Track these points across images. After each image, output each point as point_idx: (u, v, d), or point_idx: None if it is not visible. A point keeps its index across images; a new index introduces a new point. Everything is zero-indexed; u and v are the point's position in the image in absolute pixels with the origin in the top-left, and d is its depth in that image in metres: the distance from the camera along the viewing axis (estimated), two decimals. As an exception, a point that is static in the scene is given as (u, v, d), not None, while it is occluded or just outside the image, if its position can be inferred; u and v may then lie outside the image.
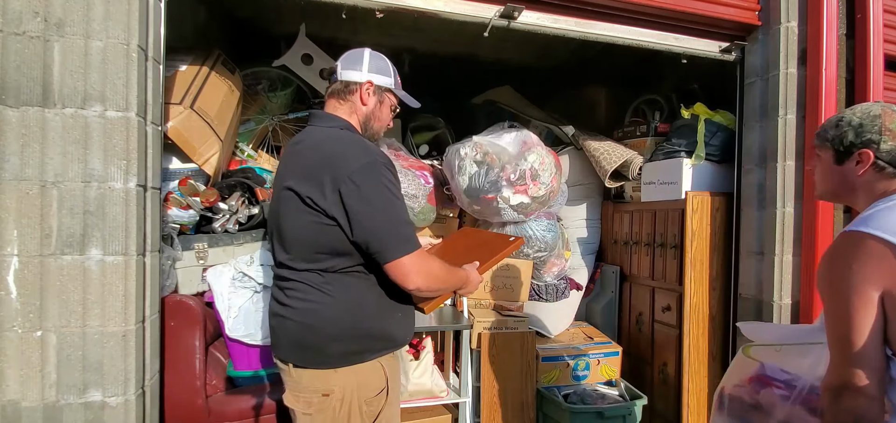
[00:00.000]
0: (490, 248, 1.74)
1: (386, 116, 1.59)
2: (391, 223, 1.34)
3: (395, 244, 1.33)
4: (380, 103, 1.55)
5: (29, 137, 1.58)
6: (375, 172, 1.34)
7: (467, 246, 1.85)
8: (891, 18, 2.41)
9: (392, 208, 1.35)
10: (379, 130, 1.59)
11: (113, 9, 1.63)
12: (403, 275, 1.34)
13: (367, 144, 1.43)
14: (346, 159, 1.35)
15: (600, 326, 3.22)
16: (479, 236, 1.98)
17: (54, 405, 1.62)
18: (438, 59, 3.80)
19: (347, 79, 1.51)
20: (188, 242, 2.25)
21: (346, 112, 1.52)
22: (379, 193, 1.34)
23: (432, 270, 1.40)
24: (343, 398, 1.37)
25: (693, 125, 2.75)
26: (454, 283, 1.50)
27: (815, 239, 2.28)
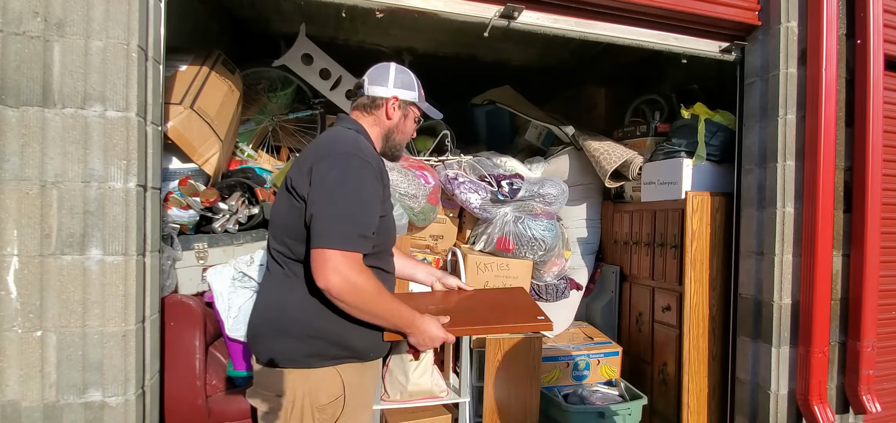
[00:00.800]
0: (508, 315, 1.58)
1: (410, 129, 1.62)
2: (338, 214, 1.29)
3: (329, 233, 1.27)
4: (404, 117, 1.59)
5: (29, 137, 1.58)
6: (346, 161, 1.33)
7: (497, 304, 1.69)
8: (891, 18, 2.41)
9: (346, 200, 1.31)
10: (402, 142, 1.62)
11: (113, 9, 1.63)
12: (320, 265, 1.27)
13: (358, 141, 1.42)
14: (327, 146, 1.38)
15: (600, 326, 3.22)
16: (520, 300, 1.75)
17: (54, 405, 1.62)
18: (438, 60, 3.80)
19: (374, 94, 1.55)
20: (188, 242, 2.24)
21: (368, 123, 1.56)
22: (340, 182, 1.31)
23: (358, 282, 1.29)
24: (294, 402, 1.35)
25: (693, 125, 2.75)
26: (389, 317, 1.37)
27: (815, 239, 2.28)
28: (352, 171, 1.32)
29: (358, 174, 1.33)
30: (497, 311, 1.58)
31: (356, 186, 1.32)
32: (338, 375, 1.38)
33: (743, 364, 2.55)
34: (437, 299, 1.69)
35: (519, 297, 1.75)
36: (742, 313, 2.56)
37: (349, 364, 1.40)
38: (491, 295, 1.78)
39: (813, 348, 2.29)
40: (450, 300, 1.68)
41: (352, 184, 1.32)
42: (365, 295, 1.31)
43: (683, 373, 2.63)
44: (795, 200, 2.36)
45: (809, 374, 2.31)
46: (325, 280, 1.26)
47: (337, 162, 1.33)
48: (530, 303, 1.67)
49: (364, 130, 1.53)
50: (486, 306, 1.63)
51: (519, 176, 2.96)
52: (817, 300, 2.28)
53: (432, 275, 1.85)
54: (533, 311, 1.57)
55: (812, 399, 2.32)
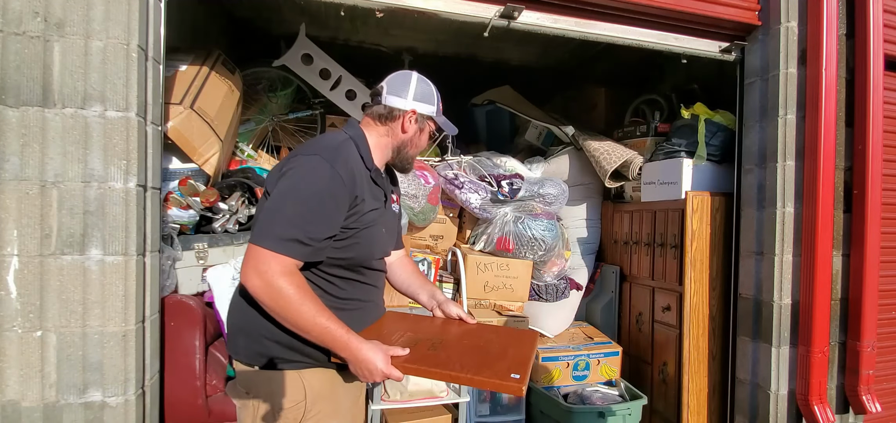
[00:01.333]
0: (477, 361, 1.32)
1: (423, 143, 1.56)
2: (282, 215, 1.23)
3: (264, 230, 1.21)
4: (420, 131, 1.52)
5: (29, 137, 1.58)
6: (310, 164, 1.27)
7: (481, 345, 1.44)
8: (891, 18, 2.41)
9: (291, 198, 1.24)
10: (414, 155, 1.56)
11: (113, 9, 1.63)
12: (246, 261, 1.21)
13: (339, 147, 1.34)
14: (303, 148, 1.36)
15: (600, 326, 3.22)
16: (508, 345, 1.48)
17: (54, 405, 1.62)
18: (438, 59, 3.80)
19: (391, 105, 1.47)
20: (188, 242, 2.24)
21: (379, 133, 1.48)
22: (296, 183, 1.26)
23: (280, 286, 1.19)
24: (257, 400, 1.34)
25: (693, 125, 2.75)
26: (314, 333, 1.23)
27: (815, 239, 2.28)
28: (312, 175, 1.26)
29: (317, 179, 1.25)
30: (474, 355, 1.37)
31: (312, 191, 1.25)
32: (299, 380, 1.33)
33: (743, 364, 2.55)
34: (423, 327, 1.53)
35: (514, 344, 1.48)
36: (742, 313, 2.56)
37: (314, 370, 1.34)
38: (485, 334, 1.53)
39: (813, 348, 2.29)
40: (436, 330, 1.52)
41: (307, 188, 1.25)
42: (285, 304, 1.20)
43: (683, 373, 2.63)
44: (795, 200, 2.36)
45: (809, 374, 2.31)
46: (245, 277, 1.21)
47: (301, 164, 1.28)
48: (520, 356, 1.39)
49: (362, 137, 1.44)
50: (467, 347, 1.42)
51: (519, 176, 2.96)
52: (817, 300, 2.28)
53: (433, 299, 1.67)
54: (511, 367, 1.30)
55: (812, 399, 2.32)
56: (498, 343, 1.47)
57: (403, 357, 1.27)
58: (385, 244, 1.52)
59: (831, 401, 2.46)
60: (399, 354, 1.27)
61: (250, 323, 1.32)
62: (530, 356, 1.41)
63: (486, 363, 1.31)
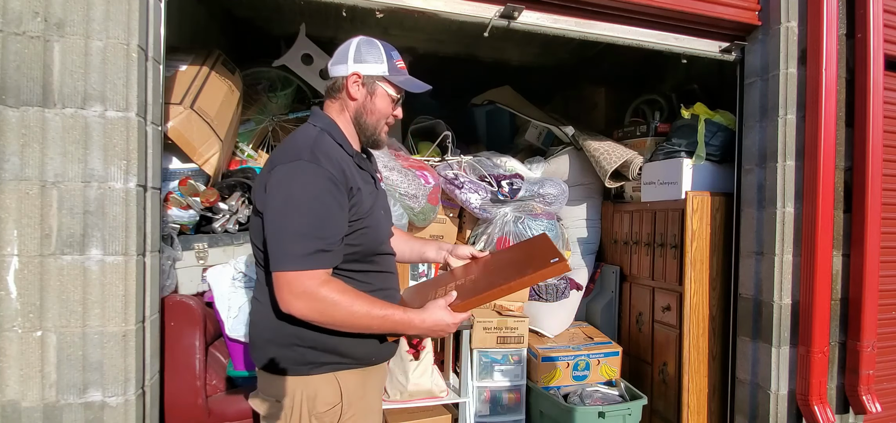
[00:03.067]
0: (519, 268, 1.44)
1: (382, 108, 1.42)
2: (285, 227, 1.19)
3: (280, 253, 1.19)
4: (371, 95, 1.40)
5: (29, 137, 1.58)
6: (297, 171, 1.22)
7: (512, 261, 1.56)
8: (891, 18, 2.41)
9: (293, 211, 1.20)
10: (374, 124, 1.43)
11: (113, 9, 1.62)
12: (278, 291, 1.19)
13: (315, 142, 1.30)
14: (281, 155, 1.27)
15: (600, 326, 3.22)
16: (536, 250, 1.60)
17: (54, 405, 1.62)
18: (438, 59, 3.80)
19: (335, 74, 1.41)
20: (188, 242, 2.24)
21: (335, 110, 1.42)
22: (287, 192, 1.21)
23: (327, 297, 1.19)
24: (292, 407, 1.30)
25: (693, 125, 2.75)
26: (375, 325, 1.25)
27: (814, 239, 2.28)
28: (304, 180, 1.21)
29: (311, 183, 1.21)
30: (510, 269, 1.45)
31: (310, 197, 1.20)
32: (336, 382, 1.32)
33: (743, 364, 2.55)
34: (449, 279, 1.58)
35: (536, 246, 1.59)
36: (742, 313, 2.56)
37: (349, 371, 1.34)
38: (504, 256, 1.63)
39: (813, 348, 2.29)
40: (462, 275, 1.57)
41: (305, 195, 1.20)
42: (336, 311, 1.20)
43: (683, 373, 2.63)
44: (795, 200, 2.36)
45: (809, 374, 2.31)
46: (286, 306, 1.19)
47: (287, 173, 1.23)
48: (546, 248, 1.51)
49: (333, 125, 1.39)
50: (500, 268, 1.50)
51: (519, 176, 2.96)
52: (817, 300, 2.28)
53: (442, 250, 1.72)
54: (546, 255, 1.43)
55: (812, 399, 2.32)
56: (521, 252, 1.58)
57: (458, 301, 1.31)
58: (387, 226, 1.50)
59: (831, 401, 2.46)
60: (452, 300, 1.31)
61: (282, 332, 1.29)
62: (553, 244, 1.55)
63: (523, 268, 1.40)
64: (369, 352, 1.36)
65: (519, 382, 2.70)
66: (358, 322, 1.23)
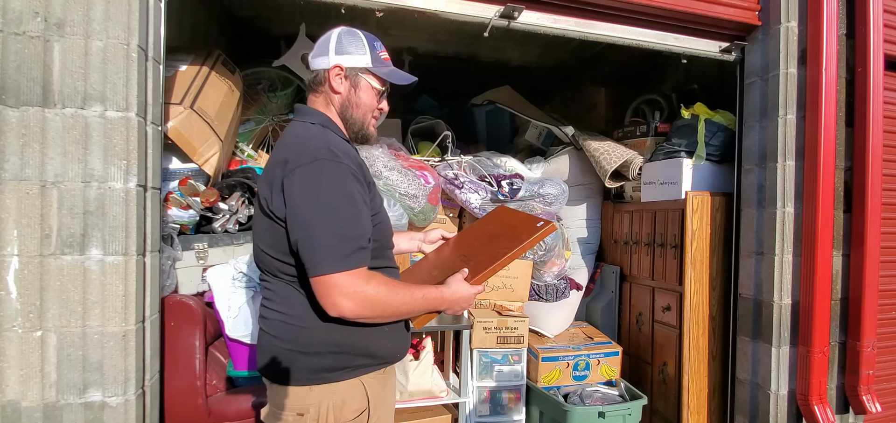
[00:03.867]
0: (510, 238, 1.47)
1: (367, 102, 1.38)
2: (328, 233, 1.16)
3: (321, 256, 1.15)
4: (354, 88, 1.36)
5: (29, 137, 1.58)
6: (318, 169, 1.18)
7: (492, 233, 1.59)
8: (891, 18, 2.41)
9: (327, 213, 1.16)
10: (361, 118, 1.39)
11: (113, 9, 1.63)
12: (326, 295, 1.16)
13: (326, 138, 1.26)
14: (294, 155, 1.21)
15: (600, 326, 3.22)
16: (509, 220, 1.66)
17: (54, 405, 1.62)
18: (438, 60, 3.80)
19: (316, 67, 1.37)
20: (188, 242, 2.25)
21: (321, 104, 1.38)
22: (315, 193, 1.16)
23: (371, 294, 1.19)
24: (318, 419, 1.25)
25: (693, 125, 2.75)
26: (417, 308, 1.28)
27: (815, 239, 2.28)
28: (328, 179, 1.18)
29: (336, 181, 1.18)
30: (499, 240, 1.48)
31: (339, 196, 1.18)
32: (362, 387, 1.29)
33: (743, 364, 2.55)
34: (435, 260, 1.61)
35: (507, 218, 1.65)
36: (742, 313, 2.56)
37: (373, 373, 1.32)
38: (482, 229, 1.65)
39: (813, 348, 2.29)
40: (447, 253, 1.60)
41: (333, 195, 1.18)
42: (384, 303, 1.21)
43: (683, 373, 2.63)
44: (795, 200, 2.36)
45: (809, 374, 2.31)
46: (336, 309, 1.17)
47: (309, 173, 1.18)
48: (525, 217, 1.57)
49: (329, 120, 1.35)
50: (485, 241, 1.53)
51: (519, 176, 2.96)
52: (817, 300, 2.28)
53: (414, 239, 1.74)
54: (529, 222, 1.48)
55: (812, 399, 2.32)
56: (501, 224, 1.62)
57: (471, 275, 1.36)
58: (390, 221, 1.49)
59: (831, 401, 2.46)
60: (465, 274, 1.35)
61: (318, 341, 1.25)
62: (521, 212, 1.69)
63: (511, 237, 1.46)
64: (394, 348, 1.35)
65: (519, 382, 2.70)
66: (402, 309, 1.26)
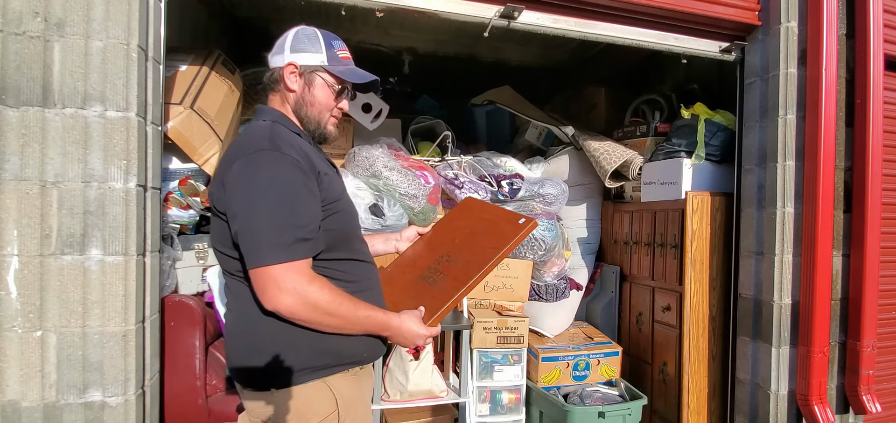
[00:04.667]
0: (494, 236, 1.41)
1: (322, 100, 1.35)
2: (258, 221, 1.11)
3: (257, 247, 1.11)
4: (309, 86, 1.34)
5: (29, 137, 1.58)
6: (258, 160, 1.14)
7: (472, 230, 1.52)
8: (891, 18, 2.41)
9: (263, 202, 1.12)
10: (317, 116, 1.36)
11: (113, 9, 1.63)
12: (262, 287, 1.11)
13: (272, 133, 1.23)
14: (237, 150, 1.20)
15: (600, 326, 3.22)
16: (485, 214, 1.58)
17: (54, 405, 1.62)
18: (438, 60, 3.80)
19: (272, 65, 1.36)
20: (188, 242, 2.25)
21: (277, 102, 1.36)
22: (253, 184, 1.13)
23: (311, 296, 1.12)
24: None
25: (693, 125, 2.75)
26: (357, 325, 1.22)
27: (815, 239, 2.28)
28: (268, 169, 1.14)
29: (276, 170, 1.14)
30: (482, 239, 1.42)
31: (279, 185, 1.14)
32: (328, 389, 1.23)
33: (743, 364, 2.55)
34: (410, 258, 1.57)
35: (481, 212, 1.57)
36: (742, 313, 2.56)
37: (340, 374, 1.25)
38: (454, 223, 1.57)
39: (813, 348, 2.29)
40: (422, 250, 1.55)
41: (274, 184, 1.13)
42: (324, 309, 1.15)
43: (683, 373, 2.63)
44: (795, 200, 2.36)
45: (809, 374, 2.31)
46: (272, 302, 1.11)
47: (249, 165, 1.15)
48: (500, 214, 1.49)
49: (282, 116, 1.34)
50: (465, 237, 1.46)
51: (519, 176, 2.96)
52: (817, 300, 2.28)
53: (390, 240, 1.70)
54: (511, 220, 1.42)
55: (812, 399, 2.32)
56: (478, 219, 1.58)
57: (429, 313, 1.33)
58: (356, 212, 1.44)
59: (831, 401, 2.46)
60: (422, 313, 1.33)
61: (264, 337, 1.19)
62: (500, 207, 1.67)
63: (495, 235, 1.42)
64: (362, 348, 1.28)
65: (519, 382, 2.70)
66: (343, 322, 1.19)
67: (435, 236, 1.64)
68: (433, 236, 1.64)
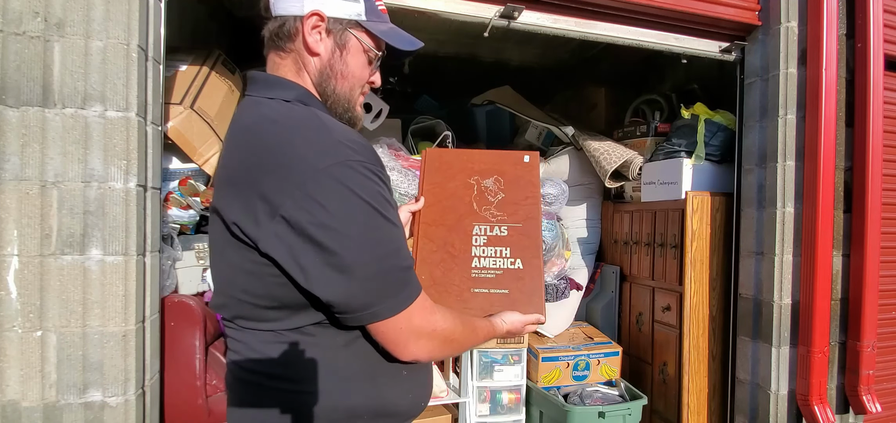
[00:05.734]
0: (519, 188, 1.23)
1: (356, 70, 0.98)
2: (377, 265, 0.83)
3: (384, 297, 0.84)
4: (341, 49, 0.95)
5: (29, 137, 1.58)
6: (348, 180, 0.80)
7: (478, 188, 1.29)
8: (891, 18, 2.41)
9: (379, 237, 0.84)
10: (347, 93, 0.99)
11: (113, 9, 1.63)
12: (394, 342, 0.87)
13: (333, 129, 0.86)
14: (296, 162, 0.80)
15: (600, 326, 3.22)
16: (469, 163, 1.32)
17: (54, 405, 1.62)
18: (438, 59, 3.80)
19: (282, 12, 0.94)
20: (188, 242, 2.25)
21: (290, 70, 0.96)
22: (354, 217, 0.81)
23: (445, 330, 0.93)
24: None
25: (693, 125, 2.75)
26: (478, 342, 1.03)
27: (815, 239, 2.28)
28: (355, 188, 0.81)
29: (366, 186, 0.83)
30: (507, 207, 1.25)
31: (375, 208, 0.83)
32: None
33: (743, 364, 2.55)
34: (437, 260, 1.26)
35: (462, 162, 1.33)
36: (742, 313, 2.56)
37: None
38: (443, 186, 1.30)
39: (813, 348, 2.29)
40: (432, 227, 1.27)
41: (369, 210, 0.82)
42: (457, 337, 0.96)
43: (683, 373, 2.63)
44: (795, 200, 2.36)
45: (809, 374, 2.31)
46: (410, 354, 0.89)
47: (329, 190, 0.79)
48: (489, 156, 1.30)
49: (309, 95, 0.95)
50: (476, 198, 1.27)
51: (519, 176, 2.96)
52: (817, 301, 2.28)
53: None
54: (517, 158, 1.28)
55: (812, 399, 2.32)
56: (466, 169, 1.32)
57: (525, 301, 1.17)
58: None
59: (831, 401, 2.46)
60: None
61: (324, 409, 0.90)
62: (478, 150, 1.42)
63: (520, 188, 1.27)
64: (416, 398, 1.02)
65: (519, 382, 2.70)
66: (468, 344, 1.02)
67: (429, 210, 1.29)
68: (427, 211, 1.29)
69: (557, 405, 2.56)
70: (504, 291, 1.19)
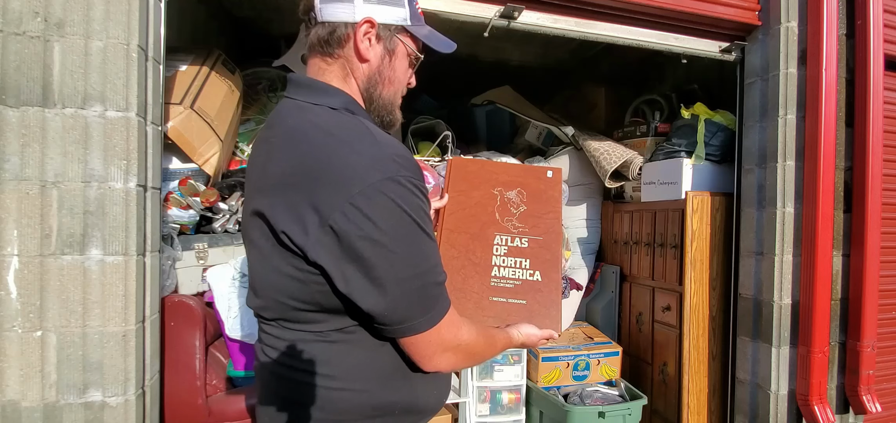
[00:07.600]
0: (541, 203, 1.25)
1: (401, 75, 1.03)
2: (418, 278, 0.87)
3: (416, 313, 0.88)
4: (390, 54, 0.99)
5: (29, 137, 1.58)
6: (396, 196, 0.83)
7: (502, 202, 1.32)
8: (891, 18, 2.41)
9: (418, 255, 0.87)
10: (391, 99, 1.02)
11: (113, 9, 1.63)
12: (422, 356, 0.92)
13: (382, 142, 0.88)
14: (347, 174, 0.82)
15: (600, 326, 3.22)
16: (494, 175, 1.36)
17: (54, 405, 1.62)
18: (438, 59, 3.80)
19: (332, 18, 0.94)
20: (188, 242, 2.25)
21: (337, 77, 0.97)
22: (400, 233, 0.84)
23: (465, 342, 0.96)
24: None
25: (693, 125, 2.75)
26: (496, 353, 1.08)
27: (815, 239, 2.28)
28: (402, 205, 0.84)
29: (411, 202, 0.85)
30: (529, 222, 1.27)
31: (417, 224, 0.86)
32: None
33: (743, 364, 2.55)
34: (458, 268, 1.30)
35: (487, 174, 1.36)
36: (742, 313, 2.56)
37: None
38: (470, 205, 1.32)
39: (813, 348, 2.29)
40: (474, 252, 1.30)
41: (412, 228, 0.86)
42: (478, 350, 1.01)
43: (683, 373, 2.63)
44: (795, 200, 2.36)
45: (809, 374, 2.31)
46: (433, 366, 0.94)
47: (378, 206, 0.82)
48: (514, 170, 1.34)
49: (354, 103, 0.97)
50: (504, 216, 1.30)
51: (519, 176, 2.96)
52: (817, 301, 2.28)
53: None
54: (540, 175, 1.31)
55: (812, 399, 2.32)
56: (491, 180, 1.36)
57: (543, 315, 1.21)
58: None
59: (831, 401, 2.46)
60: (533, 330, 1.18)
61: (359, 406, 0.95)
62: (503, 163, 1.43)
63: (541, 203, 1.30)
64: (439, 396, 1.08)
65: (519, 382, 2.70)
66: (487, 356, 1.06)
67: (454, 226, 1.31)
68: (452, 227, 1.31)
69: (557, 405, 2.56)
70: (522, 301, 1.22)
